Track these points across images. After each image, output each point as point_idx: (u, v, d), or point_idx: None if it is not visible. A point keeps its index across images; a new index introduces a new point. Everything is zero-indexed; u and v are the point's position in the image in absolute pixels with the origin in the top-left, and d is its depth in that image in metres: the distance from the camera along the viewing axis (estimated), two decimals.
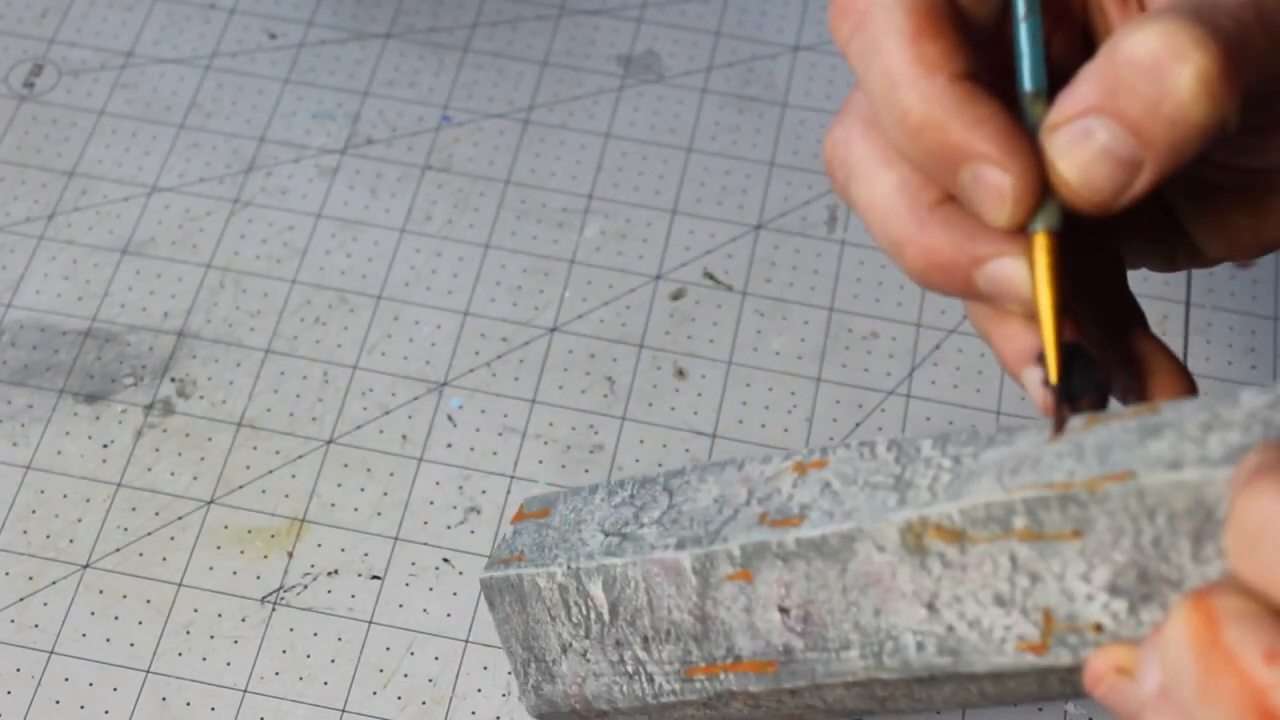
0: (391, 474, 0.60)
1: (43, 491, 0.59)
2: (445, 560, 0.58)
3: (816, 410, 0.61)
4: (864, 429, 0.61)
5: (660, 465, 0.60)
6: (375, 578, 0.58)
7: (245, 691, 0.55)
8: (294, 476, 0.60)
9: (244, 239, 0.65)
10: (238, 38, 0.71)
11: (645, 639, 0.45)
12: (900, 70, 0.38)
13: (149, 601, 0.57)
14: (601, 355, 0.63)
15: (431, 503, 0.59)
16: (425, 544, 0.58)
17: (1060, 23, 0.43)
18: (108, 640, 0.56)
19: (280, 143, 0.68)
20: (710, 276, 0.65)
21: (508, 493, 0.60)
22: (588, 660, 0.47)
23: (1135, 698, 0.34)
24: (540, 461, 0.60)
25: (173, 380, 0.62)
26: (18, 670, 0.55)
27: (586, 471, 0.60)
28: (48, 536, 0.58)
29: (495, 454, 0.60)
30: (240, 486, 0.59)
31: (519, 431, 0.61)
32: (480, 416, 0.61)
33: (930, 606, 0.39)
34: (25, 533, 0.58)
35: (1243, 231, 0.44)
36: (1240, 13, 0.36)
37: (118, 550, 0.58)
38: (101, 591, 0.57)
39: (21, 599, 0.57)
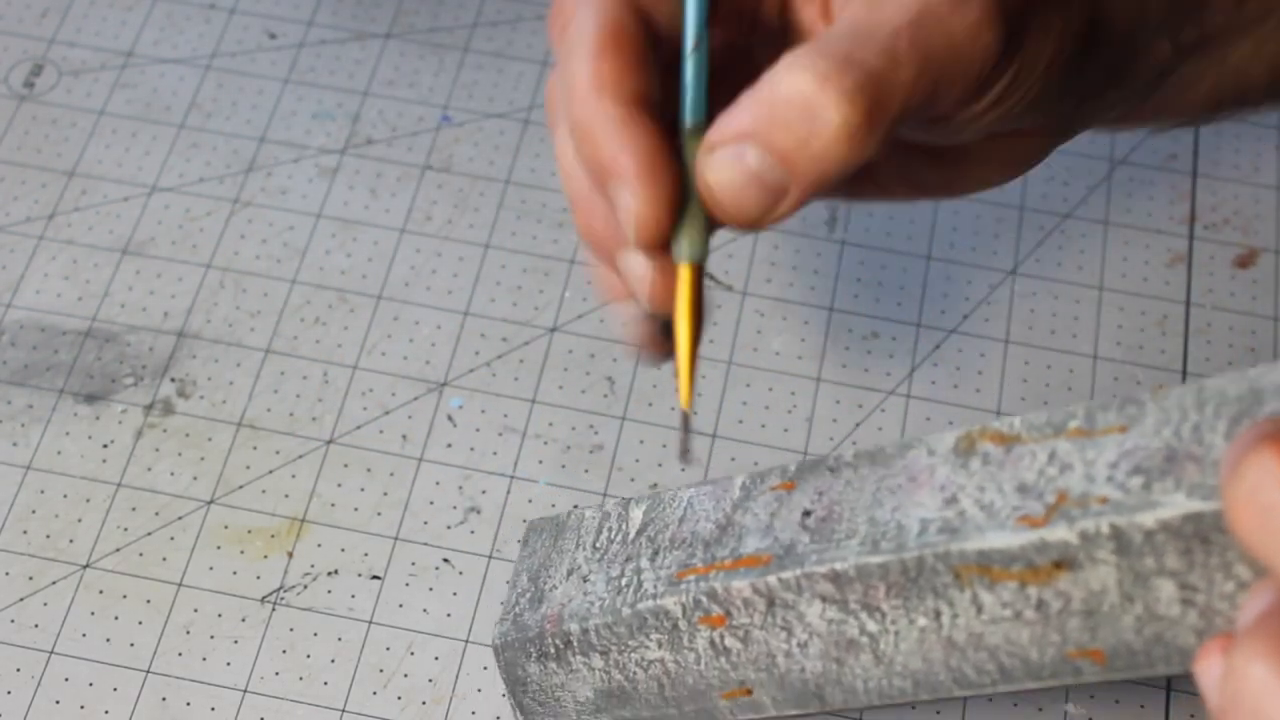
0: (391, 474, 0.60)
1: (43, 491, 0.59)
2: (445, 560, 0.58)
3: (816, 410, 0.61)
4: (864, 429, 0.61)
5: (660, 465, 0.60)
6: (375, 578, 0.58)
7: (245, 691, 0.55)
8: (294, 476, 0.60)
9: (244, 239, 0.65)
10: (238, 38, 0.71)
11: (656, 551, 0.45)
12: (577, 82, 0.41)
13: (149, 601, 0.57)
14: (601, 355, 0.63)
15: (431, 503, 0.59)
16: (425, 544, 0.58)
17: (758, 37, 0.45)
18: (108, 640, 0.56)
19: (280, 143, 0.68)
20: (710, 276, 0.65)
21: (508, 493, 0.60)
22: (585, 581, 0.46)
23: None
24: (540, 461, 0.60)
25: (173, 380, 0.62)
26: (18, 670, 0.55)
27: (586, 471, 0.60)
28: (48, 536, 0.58)
29: (495, 454, 0.60)
30: (240, 486, 0.59)
31: (519, 431, 0.61)
32: (480, 416, 0.61)
33: (952, 499, 0.39)
34: (25, 533, 0.58)
35: (933, 186, 0.47)
36: (893, 43, 0.39)
37: (118, 550, 0.58)
38: (101, 591, 0.57)
39: (21, 599, 0.57)
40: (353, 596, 0.57)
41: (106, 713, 0.55)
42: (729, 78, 0.44)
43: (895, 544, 0.40)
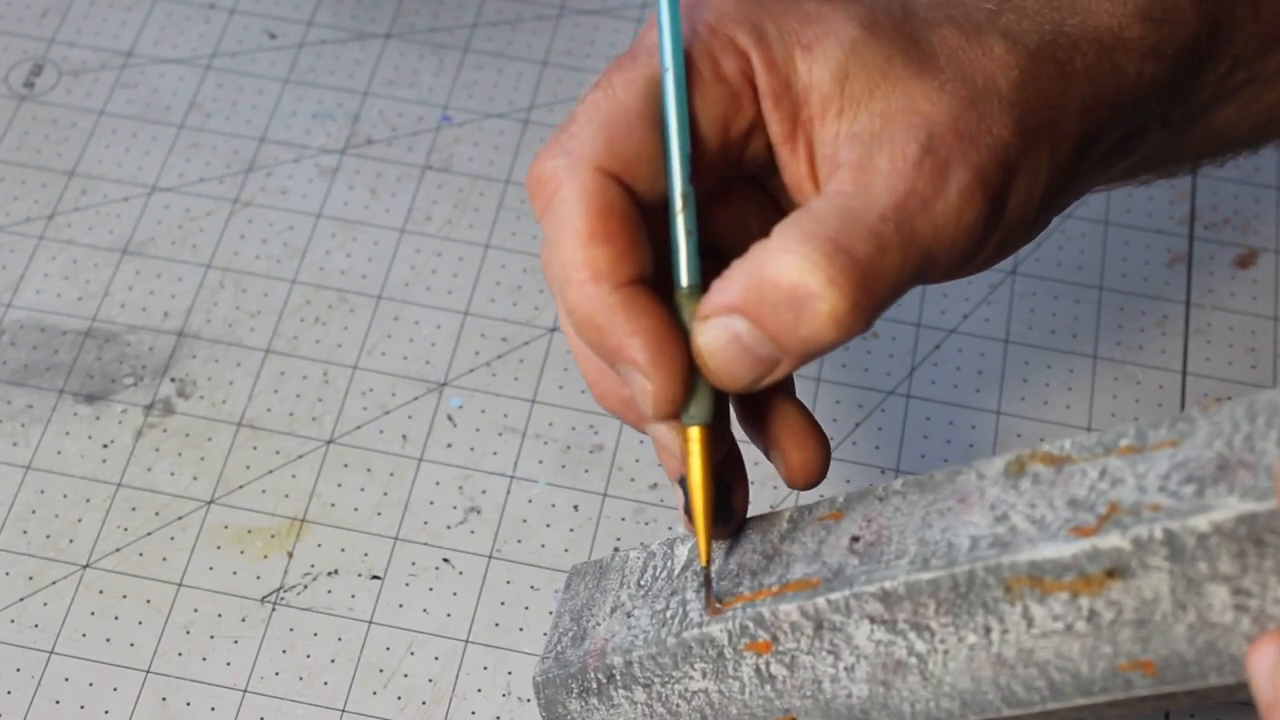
0: (391, 474, 0.60)
1: (43, 491, 0.59)
2: (445, 560, 0.58)
3: (816, 410, 0.61)
4: (864, 429, 0.61)
5: (660, 465, 0.60)
6: (375, 578, 0.58)
7: (245, 691, 0.55)
8: (294, 476, 0.60)
9: (244, 239, 0.65)
10: (238, 38, 0.71)
11: (701, 583, 0.45)
12: (572, 271, 0.41)
13: (149, 601, 0.57)
14: None
15: (431, 503, 0.59)
16: (425, 544, 0.58)
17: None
18: (108, 640, 0.56)
19: (280, 143, 0.68)
20: None
21: (508, 493, 0.60)
22: (629, 617, 0.46)
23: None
24: (540, 461, 0.60)
25: (173, 380, 0.62)
26: (18, 670, 0.55)
27: (586, 471, 0.60)
28: (48, 536, 0.58)
29: (495, 454, 0.60)
30: (240, 486, 0.59)
31: (519, 431, 0.61)
32: (480, 416, 0.61)
33: (1002, 517, 0.40)
34: (25, 533, 0.58)
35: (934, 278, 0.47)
36: (881, 229, 0.39)
37: (118, 550, 0.58)
38: (101, 591, 0.57)
39: (21, 599, 0.57)
40: (353, 596, 0.57)
41: (106, 713, 0.55)
42: (732, 202, 0.45)
43: (946, 560, 0.40)
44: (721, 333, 0.40)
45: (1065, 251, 0.66)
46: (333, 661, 0.56)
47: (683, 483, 0.44)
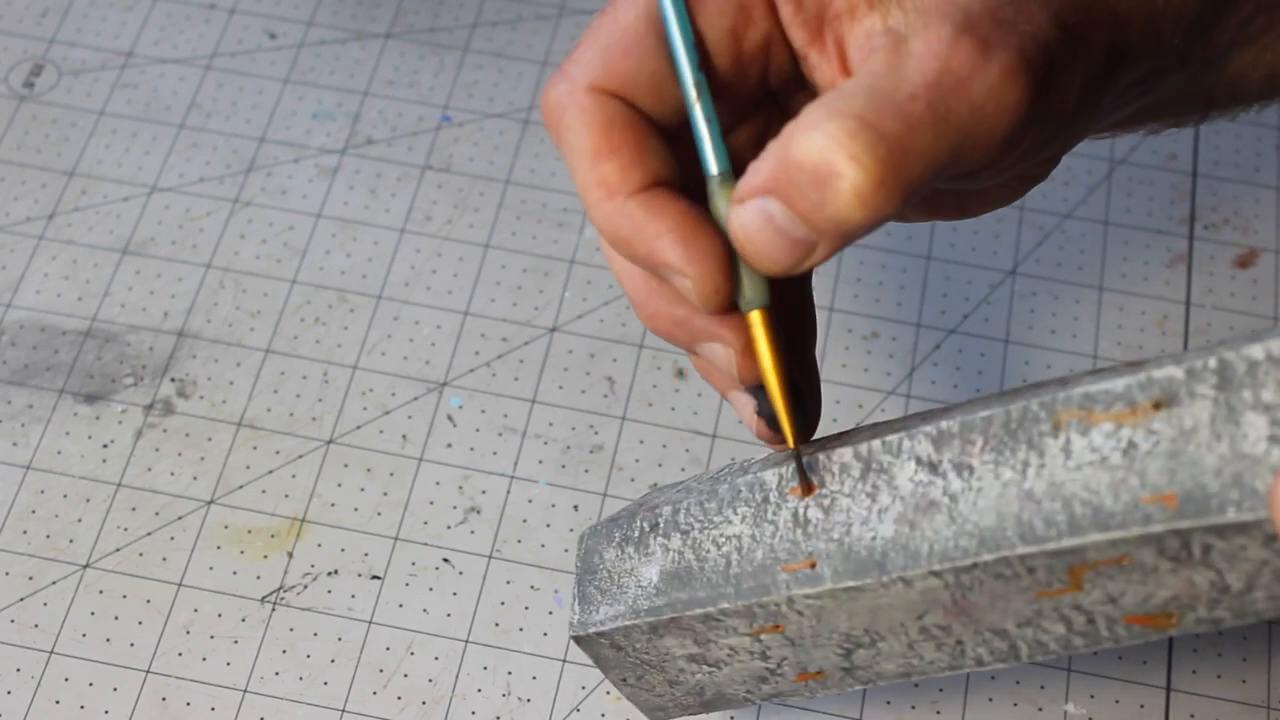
0: (391, 474, 0.60)
1: (43, 491, 0.59)
2: (445, 560, 0.58)
3: None
4: None
5: (660, 465, 0.60)
6: (375, 578, 0.58)
7: (245, 691, 0.55)
8: (294, 476, 0.60)
9: (244, 239, 0.65)
10: (238, 38, 0.71)
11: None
12: (588, 192, 0.41)
13: (149, 601, 0.57)
14: (601, 355, 0.63)
15: (431, 503, 0.59)
16: (425, 544, 0.58)
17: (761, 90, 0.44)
18: (108, 640, 0.56)
19: (280, 143, 0.68)
20: None
21: (508, 493, 0.60)
22: (689, 491, 0.46)
23: None
24: (540, 461, 0.60)
25: (173, 380, 0.62)
26: (18, 670, 0.55)
27: (586, 471, 0.60)
28: (48, 536, 0.58)
29: (495, 454, 0.60)
30: (240, 486, 0.59)
31: (519, 431, 0.61)
32: (480, 416, 0.61)
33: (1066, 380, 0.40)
34: (25, 533, 0.58)
35: (946, 210, 0.47)
36: (910, 106, 0.38)
37: (118, 550, 0.58)
38: (101, 591, 0.57)
39: (21, 599, 0.57)
40: (353, 596, 0.57)
41: (106, 713, 0.55)
42: (756, 122, 0.44)
43: (1005, 401, 0.40)
44: (755, 215, 0.40)
45: (1065, 251, 0.66)
46: (333, 661, 0.56)
47: (756, 391, 0.44)
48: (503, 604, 0.57)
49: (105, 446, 0.60)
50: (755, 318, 0.42)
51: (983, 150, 0.40)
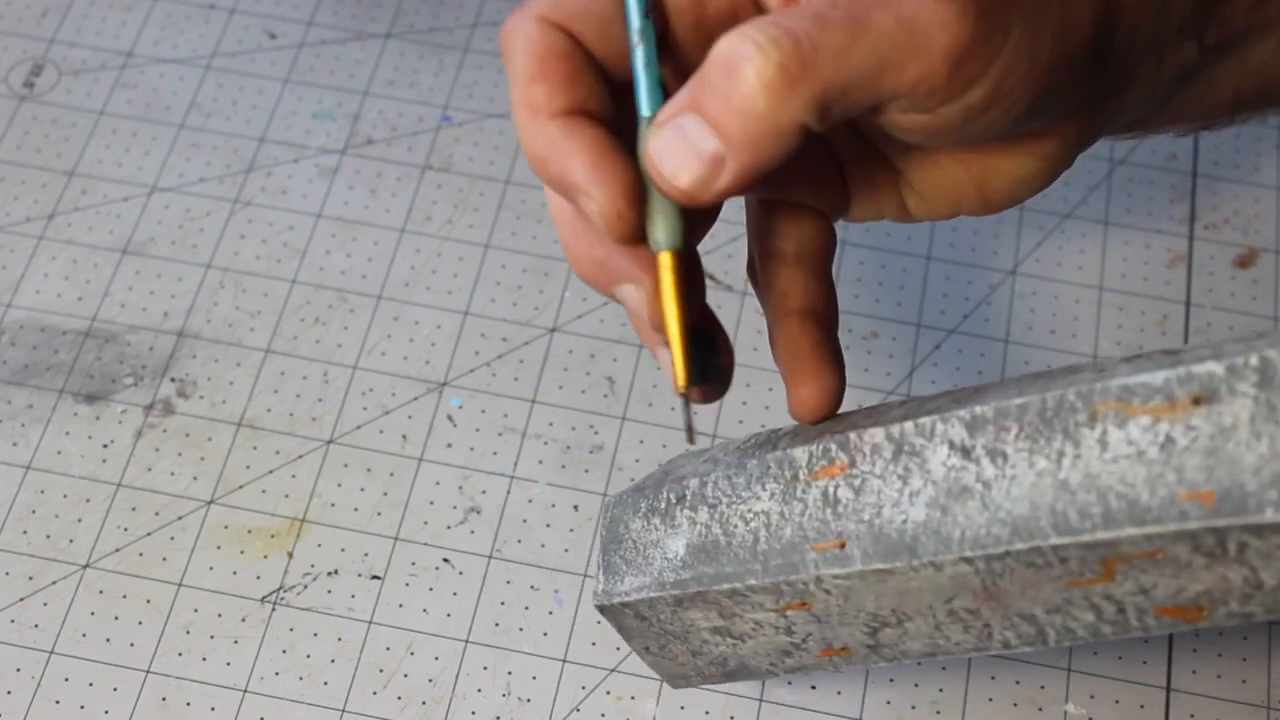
0: (391, 474, 0.60)
1: (43, 491, 0.59)
2: (445, 560, 0.58)
3: None
4: None
5: (660, 466, 0.60)
6: (375, 578, 0.58)
7: (245, 691, 0.55)
8: (294, 476, 0.60)
9: (244, 239, 0.65)
10: (238, 38, 0.71)
11: (797, 431, 0.45)
12: (516, 112, 0.42)
13: (149, 601, 0.57)
14: (601, 355, 0.63)
15: (431, 503, 0.59)
16: (425, 544, 0.58)
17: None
18: (108, 640, 0.56)
19: (280, 143, 0.68)
20: (710, 277, 0.65)
21: (508, 493, 0.60)
22: (715, 463, 0.46)
23: None
24: (540, 461, 0.60)
25: (173, 380, 0.62)
26: (18, 670, 0.55)
27: (586, 471, 0.60)
28: (48, 536, 0.58)
29: (495, 454, 0.60)
30: (240, 486, 0.59)
31: (519, 431, 0.61)
32: (480, 416, 0.61)
33: (1104, 368, 0.40)
34: (25, 533, 0.58)
35: (970, 201, 0.47)
36: (829, 13, 0.39)
37: (118, 550, 0.58)
38: (101, 591, 0.57)
39: (21, 599, 0.57)
40: (353, 596, 0.57)
41: (106, 713, 0.55)
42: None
43: (1040, 387, 0.40)
44: (669, 132, 0.40)
45: (1065, 251, 0.66)
46: (333, 661, 0.56)
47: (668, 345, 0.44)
48: (503, 604, 0.57)
49: (105, 446, 0.60)
50: (664, 259, 0.42)
51: (920, 69, 0.40)
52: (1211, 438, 0.37)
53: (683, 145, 0.40)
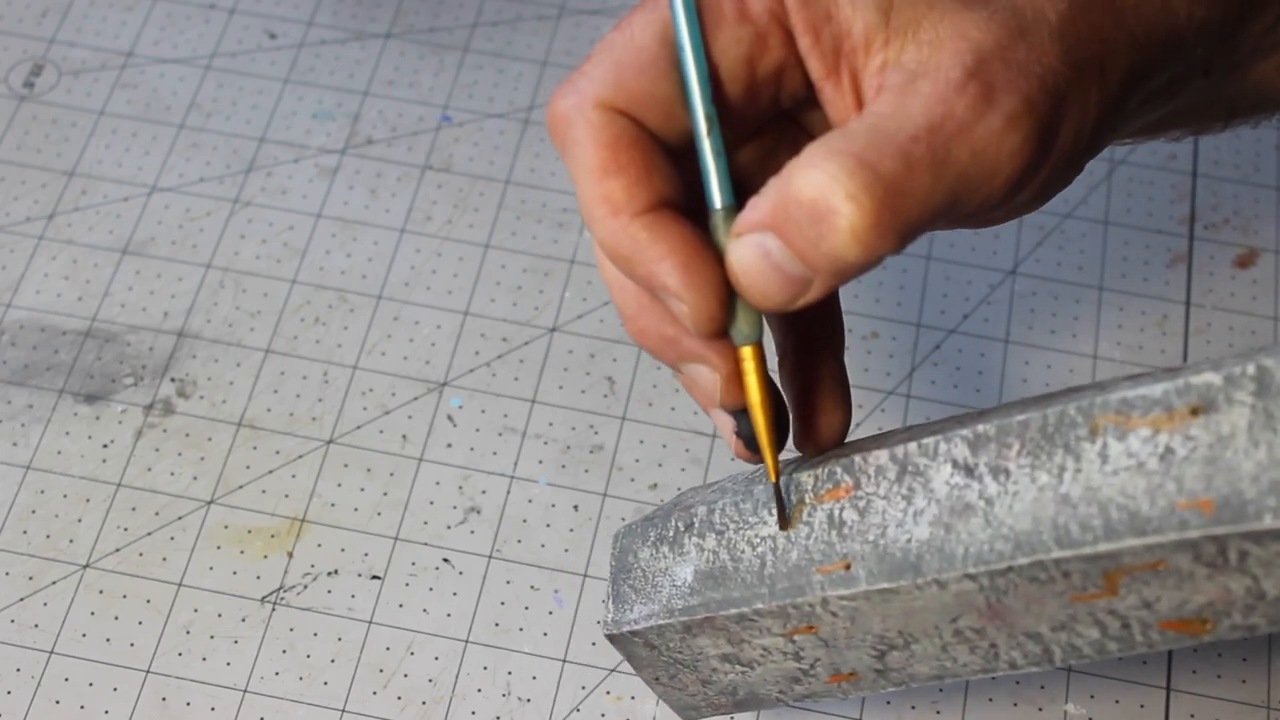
0: (391, 474, 0.60)
1: (43, 491, 0.59)
2: (445, 560, 0.58)
3: None
4: (864, 429, 0.61)
5: (660, 465, 0.60)
6: (375, 578, 0.58)
7: (245, 691, 0.55)
8: (294, 476, 0.60)
9: (244, 239, 0.65)
10: (238, 38, 0.71)
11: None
12: (592, 206, 0.41)
13: (149, 601, 0.57)
14: (601, 355, 0.63)
15: (431, 503, 0.59)
16: (425, 544, 0.58)
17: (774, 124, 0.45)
18: (108, 640, 0.56)
19: (280, 143, 0.68)
20: None
21: (508, 493, 0.60)
22: (724, 492, 0.47)
23: None
24: (540, 461, 0.60)
25: (173, 380, 0.62)
26: (18, 670, 0.55)
27: (586, 471, 0.60)
28: (48, 536, 0.58)
29: (495, 454, 0.60)
30: (240, 486, 0.59)
31: (519, 431, 0.61)
32: (480, 416, 0.61)
33: (1103, 385, 0.40)
34: (25, 533, 0.58)
35: (969, 222, 0.47)
36: (911, 148, 0.39)
37: (118, 550, 0.58)
38: (101, 591, 0.57)
39: (21, 599, 0.57)
40: (353, 596, 0.57)
41: (106, 713, 0.55)
42: (769, 136, 0.45)
43: (1042, 404, 0.41)
44: (752, 249, 0.40)
45: (1065, 251, 0.66)
46: (333, 661, 0.56)
47: (738, 413, 0.44)
48: (503, 604, 0.57)
49: (105, 446, 0.60)
50: (746, 353, 0.43)
51: (984, 194, 0.40)
52: (1210, 447, 0.38)
53: (768, 267, 0.40)
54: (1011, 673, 0.43)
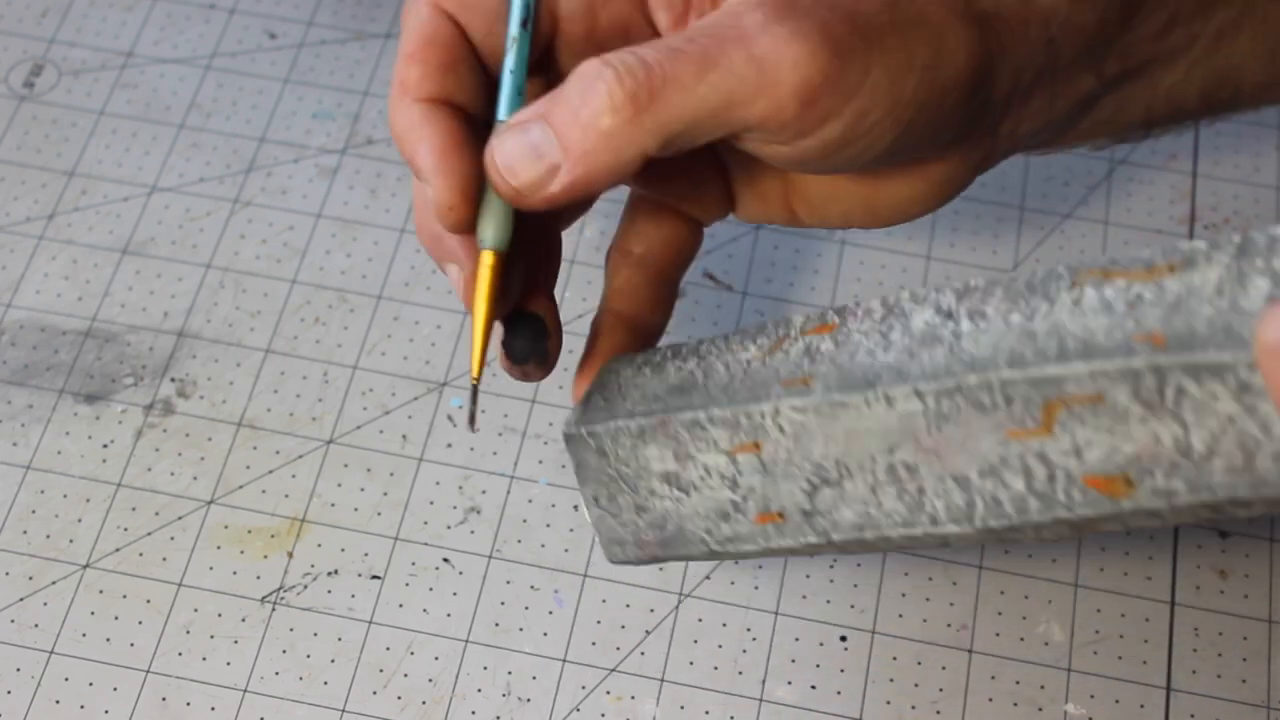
0: (391, 474, 0.60)
1: (43, 491, 0.59)
2: (445, 560, 0.58)
3: None
4: None
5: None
6: (375, 578, 0.58)
7: (245, 691, 0.55)
8: (294, 476, 0.60)
9: (244, 239, 0.65)
10: (238, 38, 0.71)
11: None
12: (391, 86, 0.45)
13: (149, 601, 0.57)
14: None
15: (431, 503, 0.59)
16: (425, 544, 0.58)
17: None
18: (108, 640, 0.56)
19: (280, 143, 0.68)
20: (710, 276, 0.65)
21: (508, 493, 0.60)
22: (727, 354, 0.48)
23: None
24: (540, 461, 0.60)
25: (173, 380, 0.62)
26: (18, 670, 0.55)
27: None
28: (48, 536, 0.58)
29: (495, 454, 0.60)
30: (240, 486, 0.59)
31: (519, 431, 0.61)
32: (480, 416, 0.61)
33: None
34: (25, 533, 0.58)
35: (858, 216, 0.50)
36: (683, 46, 0.41)
37: (118, 550, 0.58)
38: (101, 591, 0.57)
39: (21, 599, 0.57)
40: (353, 596, 0.57)
41: (106, 713, 0.55)
42: None
43: (1030, 272, 0.42)
44: (514, 133, 0.42)
45: (1065, 252, 0.66)
46: (333, 661, 0.56)
47: (507, 323, 0.47)
48: (503, 604, 0.57)
49: (105, 446, 0.60)
50: (485, 257, 0.45)
51: (769, 105, 0.41)
52: (1178, 296, 0.39)
53: (524, 148, 0.42)
54: (931, 530, 0.43)
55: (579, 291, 0.64)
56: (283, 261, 0.65)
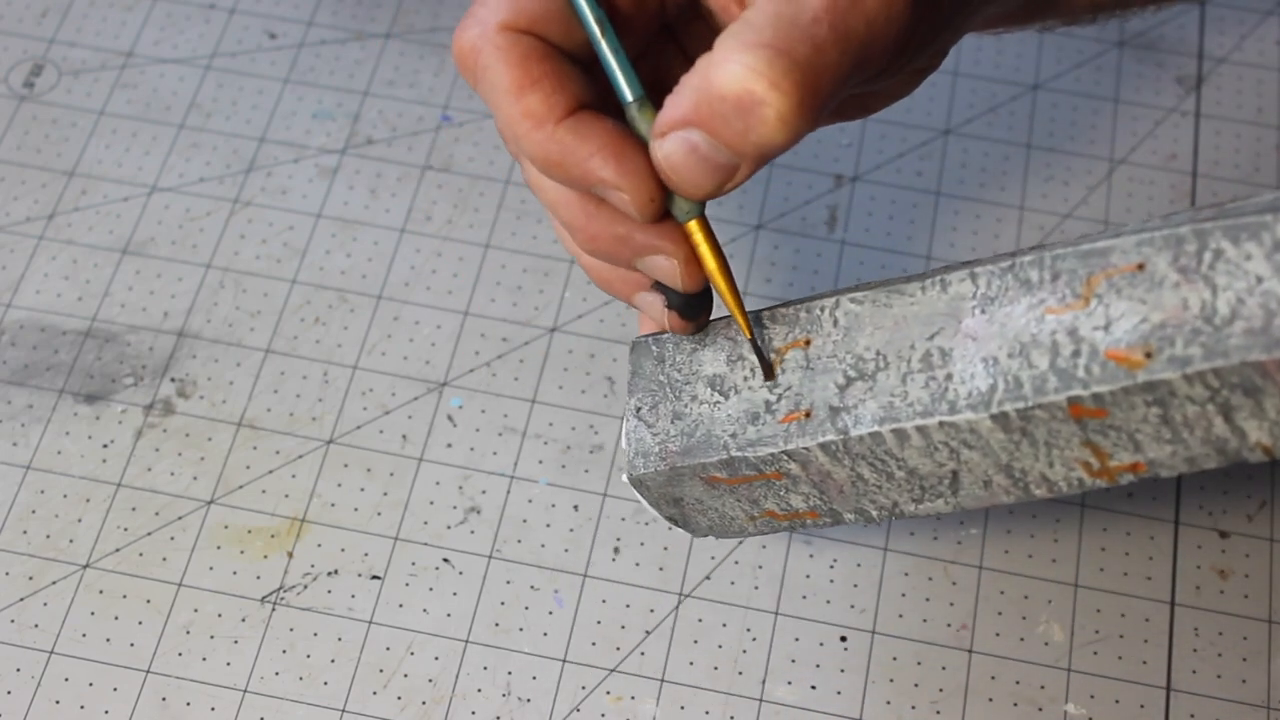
0: (391, 474, 0.60)
1: (43, 491, 0.59)
2: (445, 560, 0.58)
3: None
4: None
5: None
6: (375, 578, 0.58)
7: (245, 691, 0.55)
8: (294, 476, 0.60)
9: (244, 239, 0.65)
10: (238, 38, 0.71)
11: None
12: (515, 125, 0.44)
13: (149, 601, 0.57)
14: (601, 355, 0.63)
15: (431, 503, 0.59)
16: (425, 544, 0.58)
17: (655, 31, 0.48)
18: (108, 640, 0.56)
19: (280, 143, 0.68)
20: None
21: (508, 493, 0.60)
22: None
23: None
24: (540, 461, 0.60)
25: (173, 380, 0.62)
26: (18, 670, 0.55)
27: (586, 471, 0.60)
28: (48, 536, 0.58)
29: (495, 454, 0.60)
30: (240, 486, 0.59)
31: (519, 431, 0.61)
32: (480, 416, 0.61)
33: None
34: (25, 533, 0.58)
35: (850, 110, 0.51)
36: (815, 30, 0.41)
37: (118, 550, 0.58)
38: (101, 591, 0.57)
39: (21, 599, 0.57)
40: (353, 596, 0.57)
41: (106, 713, 0.55)
42: (653, 56, 0.47)
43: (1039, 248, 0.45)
44: (678, 144, 0.43)
45: None
46: (333, 661, 0.56)
47: (661, 287, 0.48)
48: (503, 604, 0.57)
49: (105, 446, 0.60)
50: (694, 226, 0.45)
51: (880, 58, 0.43)
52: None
53: (697, 159, 0.43)
54: (950, 418, 0.44)
55: (579, 291, 0.64)
56: (283, 261, 0.65)
